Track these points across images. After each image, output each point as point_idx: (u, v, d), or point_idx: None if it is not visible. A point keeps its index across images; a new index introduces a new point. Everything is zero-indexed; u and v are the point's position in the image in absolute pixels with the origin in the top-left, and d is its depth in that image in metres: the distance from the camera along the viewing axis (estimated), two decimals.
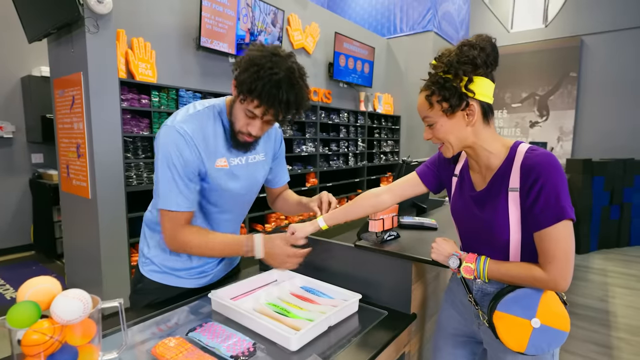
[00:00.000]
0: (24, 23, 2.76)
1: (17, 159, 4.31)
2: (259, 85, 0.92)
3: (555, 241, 0.80)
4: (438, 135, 0.91)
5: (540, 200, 0.81)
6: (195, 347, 0.92)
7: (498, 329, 0.87)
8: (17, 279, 3.52)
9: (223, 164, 1.08)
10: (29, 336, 0.59)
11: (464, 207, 0.98)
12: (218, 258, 1.24)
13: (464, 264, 0.92)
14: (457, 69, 0.84)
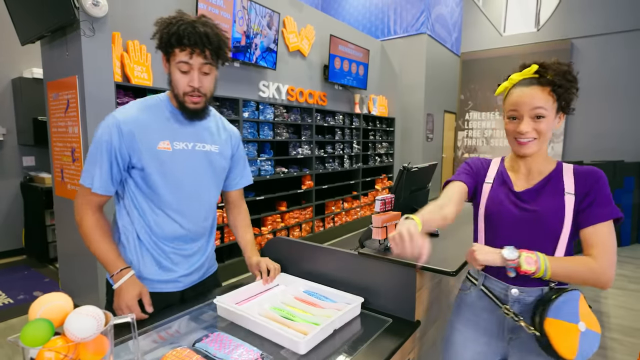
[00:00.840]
0: (16, 25, 2.72)
1: (8, 162, 4.24)
2: (176, 32, 1.00)
3: (607, 235, 0.89)
4: (542, 129, 0.93)
5: (597, 200, 0.90)
6: (204, 358, 0.92)
7: (551, 337, 0.86)
8: (9, 284, 3.46)
9: (166, 146, 1.10)
10: (43, 354, 0.59)
11: (509, 203, 0.99)
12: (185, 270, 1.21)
13: (524, 255, 0.87)
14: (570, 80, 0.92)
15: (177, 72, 1.05)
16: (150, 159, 1.08)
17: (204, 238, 1.26)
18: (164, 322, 1.11)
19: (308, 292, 1.26)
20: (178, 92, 1.08)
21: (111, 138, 1.05)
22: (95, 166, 1.06)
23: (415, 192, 1.79)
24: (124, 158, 1.07)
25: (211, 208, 1.26)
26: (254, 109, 3.80)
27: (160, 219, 1.13)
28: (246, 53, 3.72)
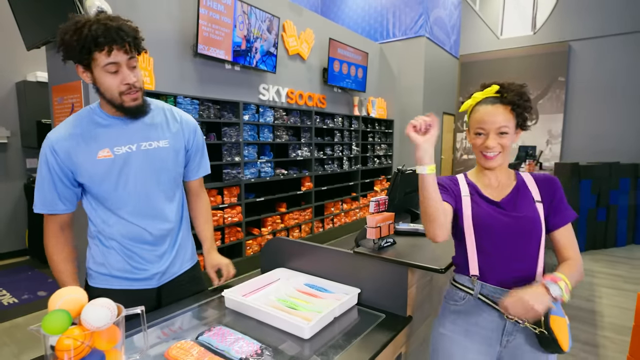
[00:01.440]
0: (22, 31, 2.78)
1: (12, 164, 4.30)
2: (88, 35, 0.95)
3: (572, 233, 1.04)
4: (505, 143, 1.02)
5: (561, 205, 1.04)
6: (207, 350, 0.98)
7: (556, 332, 0.92)
8: (13, 284, 3.52)
9: (106, 154, 1.08)
10: (62, 342, 0.65)
11: (493, 212, 1.04)
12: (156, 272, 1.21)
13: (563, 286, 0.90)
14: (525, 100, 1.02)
15: (106, 75, 1.02)
16: (93, 170, 1.08)
17: (172, 234, 1.24)
18: (168, 317, 1.17)
19: (309, 285, 1.34)
20: (113, 95, 1.05)
21: (47, 160, 1.06)
22: (39, 189, 1.09)
23: (409, 193, 1.85)
24: (67, 175, 1.08)
25: (171, 205, 1.22)
26: (254, 111, 3.86)
27: (122, 225, 1.14)
28: (246, 57, 3.78)
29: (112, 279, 1.18)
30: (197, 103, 3.29)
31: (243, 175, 3.69)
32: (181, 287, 1.29)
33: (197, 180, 1.35)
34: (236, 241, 3.69)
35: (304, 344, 1.03)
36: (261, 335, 1.06)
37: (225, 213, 3.53)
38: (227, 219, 3.54)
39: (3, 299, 3.20)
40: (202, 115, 3.34)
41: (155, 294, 1.23)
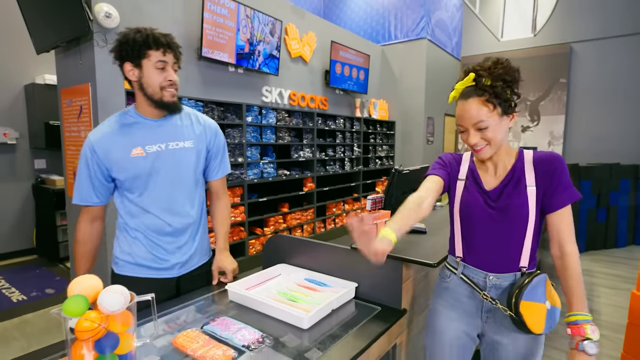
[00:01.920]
0: (32, 35, 2.87)
1: (20, 165, 4.40)
2: (150, 36, 1.15)
3: (569, 217, 1.00)
4: (489, 137, 1.00)
5: (559, 186, 0.99)
6: (211, 339, 1.04)
7: (525, 317, 0.97)
8: (22, 282, 3.60)
9: (139, 152, 1.21)
10: (81, 324, 0.71)
11: (481, 202, 1.07)
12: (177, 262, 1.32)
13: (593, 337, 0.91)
14: (506, 81, 0.98)
15: (154, 70, 1.17)
16: (126, 167, 1.20)
17: (192, 228, 1.34)
18: (174, 309, 1.23)
19: (309, 280, 1.40)
20: (154, 89, 1.19)
21: (87, 159, 1.20)
22: (77, 183, 1.22)
23: (407, 193, 1.91)
24: (103, 173, 1.21)
25: (192, 201, 1.33)
26: (257, 113, 3.93)
27: (148, 218, 1.25)
28: (249, 60, 3.85)
29: (137, 268, 1.28)
30: (202, 105, 3.36)
31: (246, 176, 3.76)
32: (198, 278, 1.40)
33: (219, 181, 1.45)
34: (239, 240, 3.76)
35: (303, 333, 1.09)
36: (263, 325, 1.12)
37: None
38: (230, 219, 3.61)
39: (12, 296, 3.28)
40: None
41: (175, 284, 1.34)
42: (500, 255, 1.06)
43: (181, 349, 0.99)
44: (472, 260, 1.11)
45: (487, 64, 1.00)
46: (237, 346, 1.00)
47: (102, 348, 0.74)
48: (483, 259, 1.09)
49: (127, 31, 1.17)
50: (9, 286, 3.51)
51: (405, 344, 1.34)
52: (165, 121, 1.27)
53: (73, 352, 0.74)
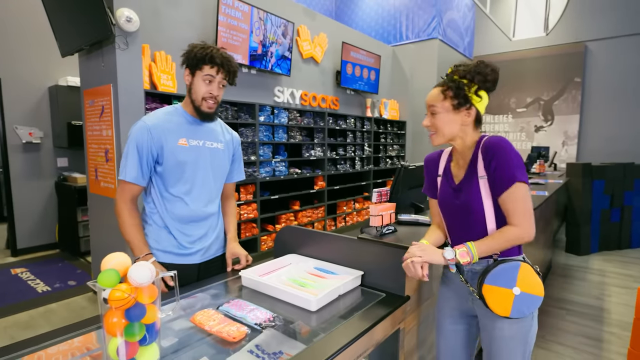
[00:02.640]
0: (58, 39, 3.02)
1: (44, 163, 4.60)
2: (210, 53, 1.31)
3: (515, 200, 1.04)
4: (437, 124, 1.11)
5: (497, 171, 1.05)
6: (226, 317, 1.13)
7: (487, 299, 1.07)
8: (46, 274, 3.78)
9: (183, 142, 1.38)
10: (113, 294, 0.80)
11: (448, 198, 1.20)
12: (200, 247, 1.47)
13: (458, 251, 1.09)
14: (473, 77, 1.06)
15: (202, 82, 1.34)
16: (172, 153, 1.36)
17: (210, 220, 1.50)
18: (193, 292, 1.33)
19: (317, 268, 1.48)
20: (197, 97, 1.36)
21: (143, 139, 1.33)
22: (128, 161, 1.33)
23: (414, 188, 1.97)
24: (153, 155, 1.35)
25: (214, 195, 1.50)
26: (269, 113, 4.03)
27: (177, 206, 1.40)
28: (262, 61, 3.96)
29: (162, 254, 1.41)
30: None
31: (258, 174, 3.87)
32: (215, 267, 1.53)
33: (232, 184, 1.65)
34: (251, 237, 3.86)
35: (311, 315, 1.16)
36: (274, 307, 1.20)
37: (241, 209, 3.71)
38: (243, 215, 3.72)
39: (37, 287, 3.45)
40: (220, 116, 3.52)
41: (196, 270, 1.47)
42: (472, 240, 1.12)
43: (199, 325, 1.08)
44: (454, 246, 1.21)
45: (466, 62, 1.11)
46: (250, 324, 1.09)
47: (131, 317, 0.83)
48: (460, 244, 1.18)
49: (195, 44, 1.34)
50: (34, 278, 3.69)
51: (409, 330, 1.40)
52: (204, 123, 1.45)
53: (106, 319, 0.83)
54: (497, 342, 1.14)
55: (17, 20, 4.23)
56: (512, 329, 1.12)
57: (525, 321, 1.11)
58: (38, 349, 0.99)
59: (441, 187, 1.23)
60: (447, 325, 1.29)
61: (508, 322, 1.11)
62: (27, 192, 4.47)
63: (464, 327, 1.27)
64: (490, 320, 1.15)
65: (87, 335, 1.04)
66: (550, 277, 3.75)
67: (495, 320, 1.13)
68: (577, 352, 2.37)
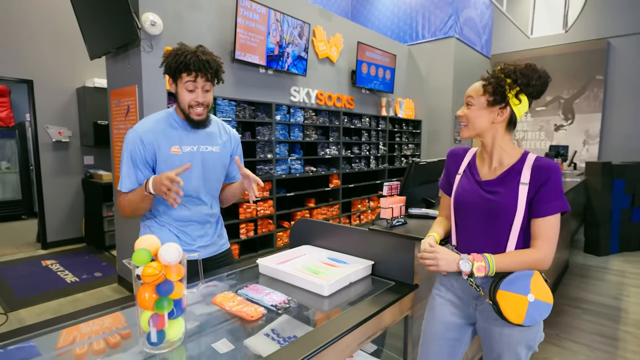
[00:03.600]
0: (87, 43, 3.20)
1: (72, 161, 4.83)
2: (183, 61, 1.25)
3: (550, 228, 1.05)
4: (470, 116, 1.12)
5: (547, 194, 1.04)
6: (244, 300, 1.21)
7: (501, 305, 1.04)
8: (74, 266, 3.98)
9: (176, 150, 1.36)
10: (146, 270, 0.90)
11: (474, 192, 1.14)
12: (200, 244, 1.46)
13: (476, 264, 1.05)
14: (517, 78, 1.05)
15: (184, 90, 1.30)
16: (164, 161, 1.34)
17: (212, 219, 1.51)
18: (213, 278, 1.42)
19: (331, 258, 1.56)
20: (184, 106, 1.33)
21: (135, 148, 1.32)
22: (123, 172, 1.34)
23: (425, 184, 2.02)
24: (148, 162, 1.34)
25: (212, 197, 1.50)
26: (285, 112, 4.13)
27: (178, 209, 1.40)
28: (279, 61, 4.06)
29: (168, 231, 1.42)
30: (234, 104, 3.59)
31: (275, 172, 3.97)
32: (220, 262, 1.56)
33: None
34: (267, 232, 3.96)
35: (323, 300, 1.24)
36: (288, 292, 1.28)
37: (258, 206, 3.82)
38: (259, 212, 3.83)
39: (66, 278, 3.64)
40: (238, 115, 3.65)
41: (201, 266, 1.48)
42: (487, 244, 1.11)
43: (220, 305, 1.17)
44: (463, 248, 1.18)
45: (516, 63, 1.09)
46: (267, 305, 1.17)
47: (161, 292, 0.92)
48: (472, 248, 1.14)
49: (170, 52, 1.30)
50: (63, 269, 3.89)
51: (417, 318, 1.46)
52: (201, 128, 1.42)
53: (139, 294, 0.93)
54: (504, 347, 1.11)
55: (48, 26, 4.47)
56: (521, 335, 1.10)
57: (533, 328, 1.10)
58: (73, 324, 1.09)
59: (461, 184, 1.20)
60: (441, 332, 1.22)
61: (518, 329, 1.08)
62: (56, 189, 4.70)
63: (458, 336, 1.22)
64: (498, 326, 1.11)
65: (116, 317, 1.14)
66: (567, 277, 3.71)
67: (503, 327, 1.10)
68: (591, 350, 2.36)
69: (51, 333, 1.05)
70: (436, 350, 1.23)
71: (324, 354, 0.96)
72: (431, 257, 1.11)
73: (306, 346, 0.95)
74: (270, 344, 0.98)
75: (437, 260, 1.10)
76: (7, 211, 6.37)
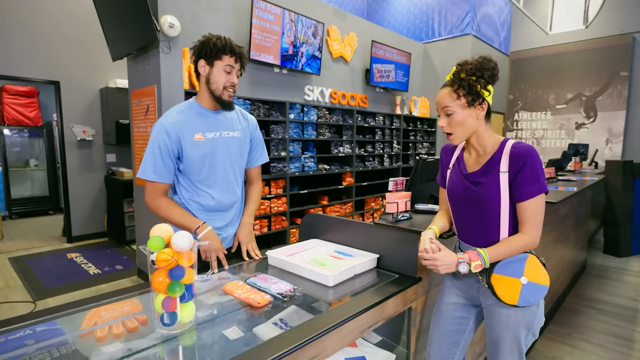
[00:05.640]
0: (109, 45, 3.34)
1: (95, 159, 5.03)
2: (228, 44, 1.39)
3: (535, 209, 1.10)
4: (453, 124, 1.14)
5: (525, 178, 1.09)
6: (253, 288, 1.28)
7: (495, 288, 1.13)
8: (96, 259, 4.16)
9: (200, 137, 1.44)
10: (160, 256, 0.97)
11: (460, 184, 1.22)
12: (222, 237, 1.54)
13: (473, 264, 1.12)
14: (482, 73, 1.10)
15: (222, 72, 1.40)
16: (190, 148, 1.42)
17: (234, 208, 1.58)
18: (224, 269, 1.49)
19: (338, 251, 1.61)
20: (217, 87, 1.40)
21: (161, 139, 1.38)
22: (150, 161, 1.39)
23: (432, 180, 2.04)
24: (173, 152, 1.40)
25: (236, 182, 1.56)
26: (299, 111, 4.19)
27: (197, 194, 1.48)
28: (293, 61, 4.12)
29: None
30: (249, 103, 3.68)
31: (288, 169, 4.04)
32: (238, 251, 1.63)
33: (256, 168, 1.69)
34: (281, 229, 4.04)
35: (328, 290, 1.29)
36: (295, 282, 1.34)
37: (271, 203, 3.90)
38: (273, 209, 3.90)
39: (89, 270, 3.82)
40: (252, 114, 3.72)
41: None
42: (480, 232, 1.19)
43: (229, 292, 1.24)
44: (462, 236, 1.28)
45: (469, 60, 1.13)
46: (274, 294, 1.23)
47: (173, 276, 0.99)
48: (470, 236, 1.23)
49: (210, 36, 1.41)
50: (87, 262, 4.07)
51: (420, 310, 1.49)
52: (219, 113, 1.50)
53: (153, 278, 1.00)
54: (503, 327, 1.19)
55: (74, 30, 4.67)
56: (518, 315, 1.17)
57: (531, 309, 1.16)
58: (94, 306, 1.17)
59: (450, 177, 1.28)
60: (449, 311, 1.32)
61: (515, 309, 1.16)
62: (80, 186, 4.92)
63: (465, 315, 1.31)
64: (498, 307, 1.19)
65: (134, 304, 1.22)
66: (583, 277, 3.64)
67: (502, 307, 1.18)
68: (605, 351, 2.33)
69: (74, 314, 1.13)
70: (443, 327, 1.33)
71: (325, 338, 1.01)
72: (431, 260, 1.16)
73: (309, 331, 1.00)
74: (278, 332, 1.04)
75: (436, 265, 1.15)
76: (35, 207, 6.68)
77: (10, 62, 4.29)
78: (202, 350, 0.95)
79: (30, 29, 4.38)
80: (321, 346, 1.02)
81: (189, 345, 0.98)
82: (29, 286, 3.39)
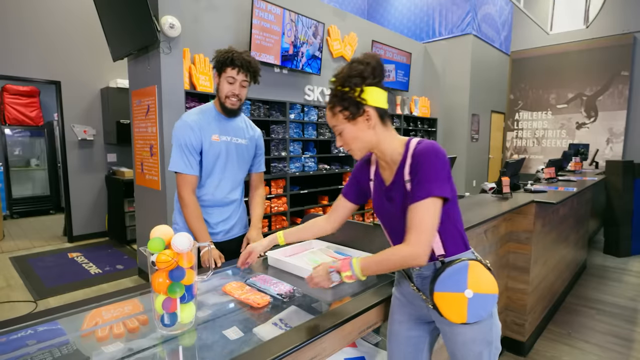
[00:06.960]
0: (110, 45, 3.35)
1: (96, 158, 5.05)
2: (230, 57, 1.48)
3: (422, 214, 0.92)
4: (346, 141, 1.03)
5: (418, 179, 0.95)
6: (253, 289, 1.28)
7: (440, 307, 0.99)
8: (97, 259, 4.17)
9: (216, 138, 1.58)
10: (160, 257, 0.98)
11: (380, 203, 1.10)
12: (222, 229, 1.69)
13: (343, 275, 1.03)
14: (349, 82, 0.97)
15: (225, 82, 1.52)
16: (208, 146, 1.56)
17: (233, 206, 1.70)
18: (223, 269, 1.50)
19: (337, 252, 1.62)
20: (221, 95, 1.54)
21: (187, 135, 1.53)
22: (179, 155, 1.53)
23: None
24: (196, 147, 1.54)
25: (238, 183, 1.70)
26: (299, 111, 4.20)
27: (201, 190, 1.60)
28: (293, 61, 4.13)
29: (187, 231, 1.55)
30: (249, 103, 3.68)
31: (288, 169, 4.04)
32: (237, 246, 1.70)
33: (259, 174, 1.82)
34: (281, 229, 4.04)
35: (327, 290, 1.30)
36: (294, 283, 1.35)
37: (272, 203, 3.90)
38: (273, 209, 3.91)
39: (90, 269, 3.83)
40: (252, 114, 3.74)
41: (220, 248, 1.63)
42: None
43: (229, 293, 1.25)
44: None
45: (339, 70, 1.00)
46: (273, 294, 1.24)
47: (173, 277, 1.00)
48: None
49: (221, 50, 1.52)
50: (87, 261, 4.09)
51: None
52: (232, 120, 1.64)
53: (154, 279, 1.01)
54: (459, 347, 1.06)
55: (75, 30, 4.68)
56: (472, 332, 1.03)
57: (484, 322, 1.03)
58: (95, 306, 1.18)
59: (375, 191, 1.15)
60: (403, 331, 1.19)
61: (466, 326, 1.02)
62: (81, 185, 4.93)
63: (420, 333, 1.18)
64: (448, 326, 1.06)
65: (135, 304, 1.23)
66: (583, 277, 3.64)
67: (452, 327, 1.04)
68: (604, 351, 2.33)
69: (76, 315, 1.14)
70: (400, 349, 1.21)
71: (324, 339, 1.02)
72: (308, 279, 1.11)
73: (308, 331, 1.01)
74: (277, 333, 1.04)
75: (312, 280, 1.09)
76: (36, 206, 6.70)
77: (12, 62, 4.30)
78: (202, 351, 0.96)
79: (31, 29, 4.39)
80: (321, 346, 1.02)
81: (189, 345, 0.99)
82: (30, 286, 3.40)
